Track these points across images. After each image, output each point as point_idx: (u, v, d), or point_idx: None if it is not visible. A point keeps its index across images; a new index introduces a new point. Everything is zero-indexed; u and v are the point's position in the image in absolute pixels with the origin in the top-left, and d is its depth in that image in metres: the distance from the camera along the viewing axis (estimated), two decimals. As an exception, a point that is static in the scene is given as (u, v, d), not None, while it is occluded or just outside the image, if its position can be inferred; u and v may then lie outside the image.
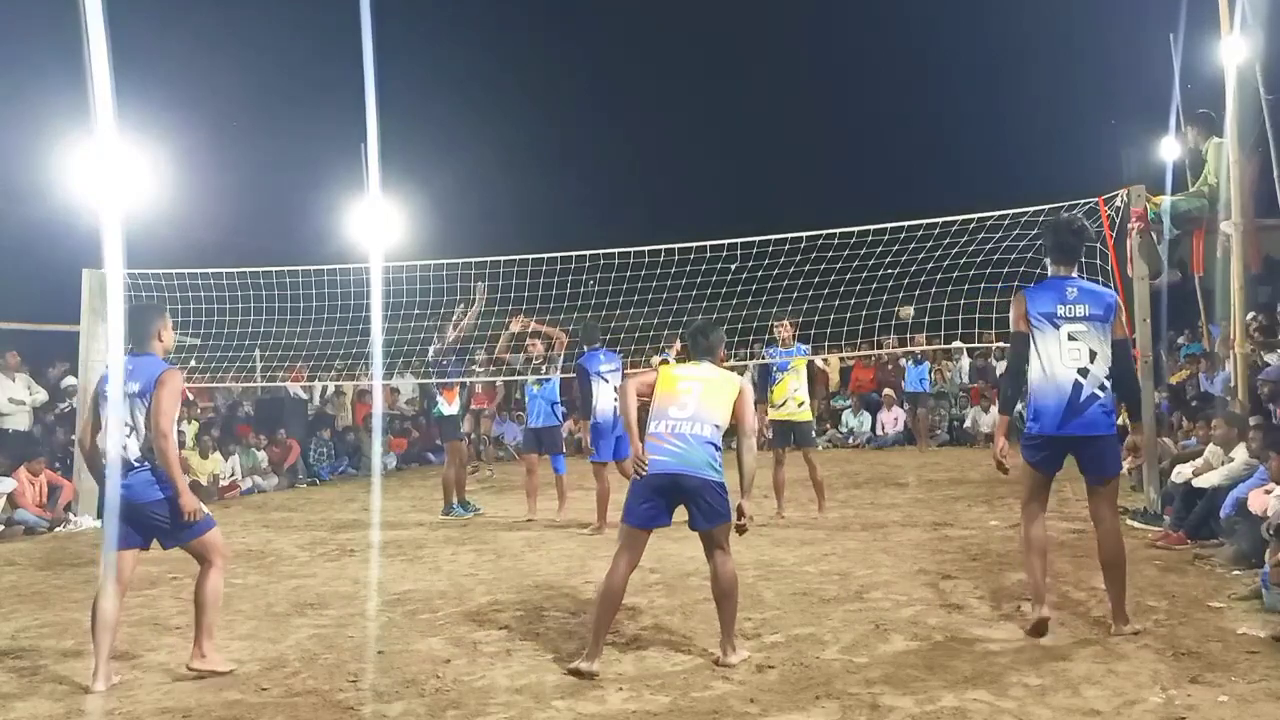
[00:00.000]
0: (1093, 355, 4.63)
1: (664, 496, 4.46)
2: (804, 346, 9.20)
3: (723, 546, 4.53)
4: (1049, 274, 4.86)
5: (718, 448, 4.54)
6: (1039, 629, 4.69)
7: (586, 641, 4.49)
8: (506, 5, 29.28)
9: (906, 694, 3.99)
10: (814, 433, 9.17)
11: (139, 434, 4.47)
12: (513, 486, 11.61)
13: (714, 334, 4.92)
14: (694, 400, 4.55)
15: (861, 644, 4.71)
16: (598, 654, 4.37)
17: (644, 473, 4.50)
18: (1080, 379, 4.61)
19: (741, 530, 4.61)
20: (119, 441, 4.46)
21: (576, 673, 4.31)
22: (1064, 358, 4.62)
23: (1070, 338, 4.64)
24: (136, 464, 4.44)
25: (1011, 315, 4.80)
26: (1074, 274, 4.85)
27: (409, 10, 23.76)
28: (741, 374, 9.30)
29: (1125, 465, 5.87)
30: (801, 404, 8.89)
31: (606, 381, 8.55)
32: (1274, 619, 4.79)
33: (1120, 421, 5.10)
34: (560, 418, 9.72)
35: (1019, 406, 5.40)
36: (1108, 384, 4.66)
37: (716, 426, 4.56)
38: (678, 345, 9.69)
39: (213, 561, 4.60)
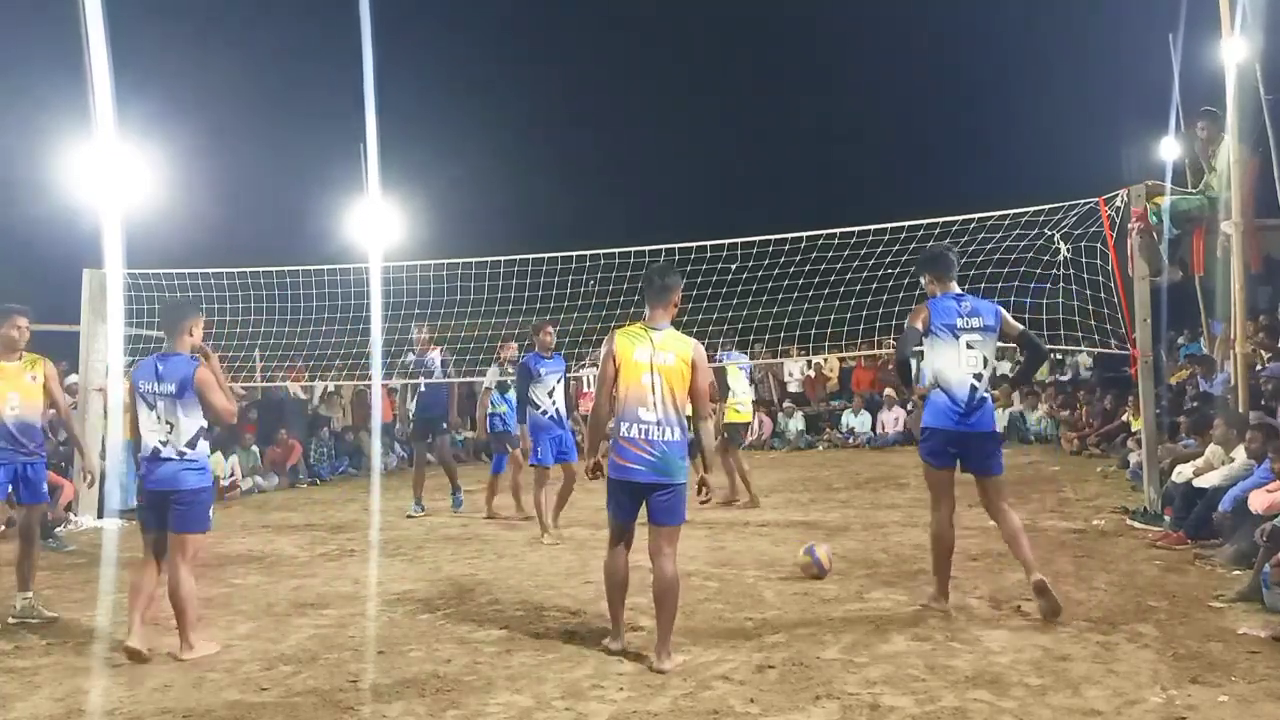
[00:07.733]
0: (985, 361, 5.23)
1: (635, 499, 4.61)
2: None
3: (671, 543, 4.58)
4: (936, 292, 5.40)
5: (684, 442, 4.61)
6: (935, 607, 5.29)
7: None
8: (505, 8, 29.32)
9: (906, 694, 3.99)
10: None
11: (179, 431, 4.87)
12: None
13: (670, 277, 4.78)
14: (659, 399, 4.52)
15: (861, 644, 4.71)
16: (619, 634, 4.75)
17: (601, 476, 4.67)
18: (975, 383, 5.19)
19: (706, 502, 5.12)
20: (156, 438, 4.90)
21: (607, 650, 4.68)
22: (963, 364, 5.19)
23: (969, 346, 5.21)
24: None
25: (912, 319, 5.33)
26: (957, 289, 5.42)
27: (408, 12, 23.80)
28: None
29: None
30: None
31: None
32: (1274, 619, 4.80)
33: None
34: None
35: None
36: (990, 389, 5.29)
37: (684, 421, 4.62)
38: None
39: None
